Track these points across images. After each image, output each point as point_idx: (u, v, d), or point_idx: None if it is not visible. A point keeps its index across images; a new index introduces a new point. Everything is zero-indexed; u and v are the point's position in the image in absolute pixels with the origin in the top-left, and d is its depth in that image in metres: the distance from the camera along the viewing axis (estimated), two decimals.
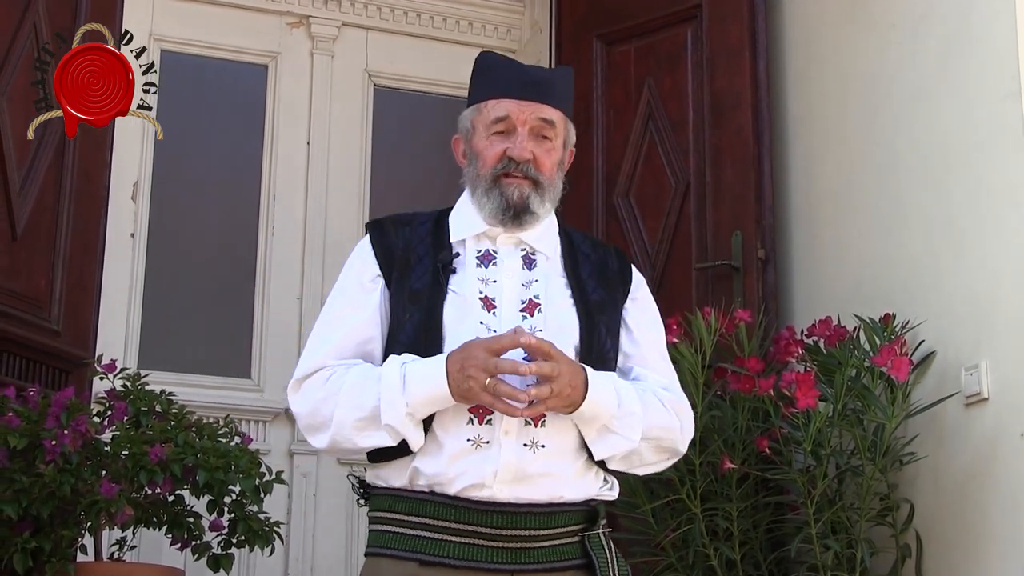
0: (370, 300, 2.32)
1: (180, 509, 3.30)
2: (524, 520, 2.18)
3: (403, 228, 2.37)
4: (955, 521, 3.19)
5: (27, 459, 3.04)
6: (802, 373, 3.23)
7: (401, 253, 2.33)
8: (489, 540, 2.17)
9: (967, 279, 3.25)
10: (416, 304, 2.26)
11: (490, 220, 2.34)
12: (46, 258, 3.67)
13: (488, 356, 2.12)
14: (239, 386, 4.48)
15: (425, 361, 2.19)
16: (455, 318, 2.24)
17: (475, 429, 2.18)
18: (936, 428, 3.26)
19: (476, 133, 2.37)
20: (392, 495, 2.23)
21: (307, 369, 2.30)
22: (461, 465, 2.17)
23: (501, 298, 2.28)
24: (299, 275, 4.61)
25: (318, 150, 4.74)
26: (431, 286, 2.27)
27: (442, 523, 2.18)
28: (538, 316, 2.27)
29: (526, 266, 2.34)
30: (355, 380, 2.22)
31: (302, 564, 4.37)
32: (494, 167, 2.33)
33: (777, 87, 4.11)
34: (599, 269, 2.40)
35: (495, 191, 2.32)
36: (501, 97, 2.35)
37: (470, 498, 2.17)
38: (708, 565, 3.33)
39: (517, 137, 2.33)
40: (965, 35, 3.35)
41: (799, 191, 4.00)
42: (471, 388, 2.12)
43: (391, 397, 2.16)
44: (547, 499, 2.20)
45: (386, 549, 2.21)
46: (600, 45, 4.46)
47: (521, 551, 2.19)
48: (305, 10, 4.83)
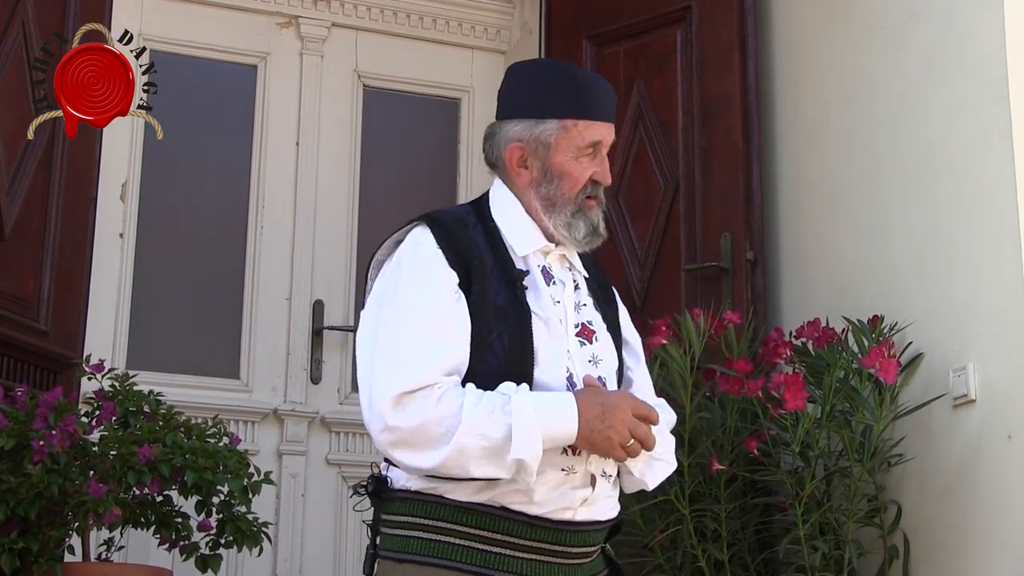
0: (462, 312, 2.18)
1: (168, 509, 3.30)
2: (589, 537, 2.23)
3: (460, 230, 2.26)
4: (942, 522, 3.19)
5: (15, 459, 3.04)
6: (790, 375, 3.23)
7: (476, 262, 2.23)
8: (558, 557, 2.20)
9: (955, 281, 3.26)
10: (503, 322, 2.19)
11: (568, 241, 2.31)
12: (34, 258, 3.66)
13: (634, 418, 2.16)
14: (228, 387, 4.47)
15: (551, 397, 2.16)
16: (546, 343, 2.21)
17: (569, 460, 2.18)
18: (924, 430, 3.27)
19: (559, 151, 2.29)
20: (453, 506, 2.16)
21: (413, 384, 2.12)
22: (553, 491, 2.17)
23: (567, 320, 2.28)
24: (288, 276, 4.60)
25: (307, 151, 4.73)
26: (512, 303, 2.22)
27: (516, 540, 2.17)
28: (596, 344, 2.30)
29: (575, 287, 2.35)
30: (480, 407, 2.11)
31: (290, 564, 4.37)
32: (581, 191, 2.30)
33: (766, 89, 4.12)
34: (602, 286, 2.42)
35: (580, 215, 2.30)
36: (593, 119, 2.31)
37: (551, 518, 2.18)
38: (696, 566, 3.34)
39: (603, 162, 2.32)
40: (953, 38, 3.36)
41: (788, 193, 4.01)
42: (609, 439, 2.14)
43: (527, 433, 2.09)
44: (605, 517, 2.26)
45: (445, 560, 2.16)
46: (590, 46, 4.47)
47: (578, 567, 2.23)
48: (295, 10, 4.82)
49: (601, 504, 2.24)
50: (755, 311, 3.81)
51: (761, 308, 3.86)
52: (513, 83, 2.38)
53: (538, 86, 2.34)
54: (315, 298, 4.60)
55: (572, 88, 2.32)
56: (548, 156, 2.29)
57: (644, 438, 2.16)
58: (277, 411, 4.48)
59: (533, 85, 2.34)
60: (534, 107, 2.31)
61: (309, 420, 4.49)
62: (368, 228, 4.73)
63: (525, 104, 2.32)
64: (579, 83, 2.34)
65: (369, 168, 4.83)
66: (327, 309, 4.59)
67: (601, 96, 2.34)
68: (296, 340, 4.55)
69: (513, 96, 2.36)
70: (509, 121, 2.33)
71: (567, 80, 2.34)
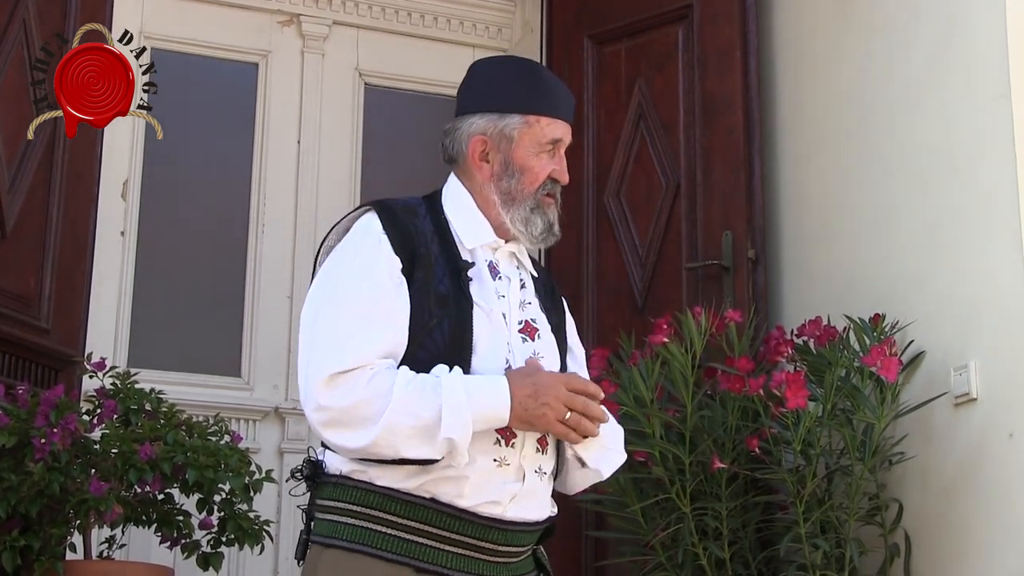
0: (402, 299, 2.20)
1: (169, 507, 3.30)
2: (519, 537, 2.24)
3: (412, 218, 2.29)
4: (943, 521, 3.20)
5: (16, 457, 3.04)
6: (792, 373, 3.24)
7: (422, 250, 2.25)
8: (486, 554, 2.20)
9: (957, 280, 3.26)
10: (443, 309, 2.21)
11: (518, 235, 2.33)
12: (36, 256, 3.66)
13: (569, 392, 2.17)
14: (229, 384, 4.47)
15: (484, 379, 2.18)
16: (486, 333, 2.23)
17: (501, 450, 2.19)
18: (925, 428, 3.27)
19: (521, 146, 2.32)
20: (383, 494, 2.17)
21: (345, 364, 2.14)
22: (482, 482, 2.17)
23: (510, 315, 2.29)
24: (289, 273, 4.60)
25: (308, 149, 4.73)
26: (455, 292, 2.23)
27: (443, 532, 2.17)
28: (538, 341, 2.31)
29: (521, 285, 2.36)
30: (411, 387, 2.13)
31: (291, 563, 4.35)
32: (541, 187, 2.33)
33: (768, 88, 4.12)
34: (547, 290, 2.43)
35: (538, 211, 2.32)
36: (555, 117, 2.34)
37: (480, 513, 2.18)
38: (697, 564, 3.34)
39: (561, 161, 2.35)
40: (954, 37, 3.36)
41: (789, 191, 4.01)
42: (545, 415, 2.15)
43: (457, 412, 2.11)
44: (537, 518, 2.26)
45: (372, 549, 2.16)
46: (591, 45, 4.46)
47: (504, 565, 2.23)
48: (296, 8, 4.82)
49: (532, 502, 2.23)
50: (756, 309, 3.81)
51: (762, 306, 3.86)
52: (476, 79, 2.40)
53: (501, 82, 2.36)
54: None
55: (535, 85, 2.35)
56: (510, 150, 2.32)
57: (584, 408, 2.16)
58: (278, 409, 4.48)
59: (497, 81, 2.37)
60: (497, 102, 2.34)
61: None
62: None
63: (488, 99, 2.35)
64: (542, 80, 2.38)
65: (370, 166, 4.83)
66: None
67: (561, 95, 2.38)
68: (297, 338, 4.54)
69: (476, 91, 2.38)
70: (471, 115, 2.35)
71: (530, 77, 2.37)
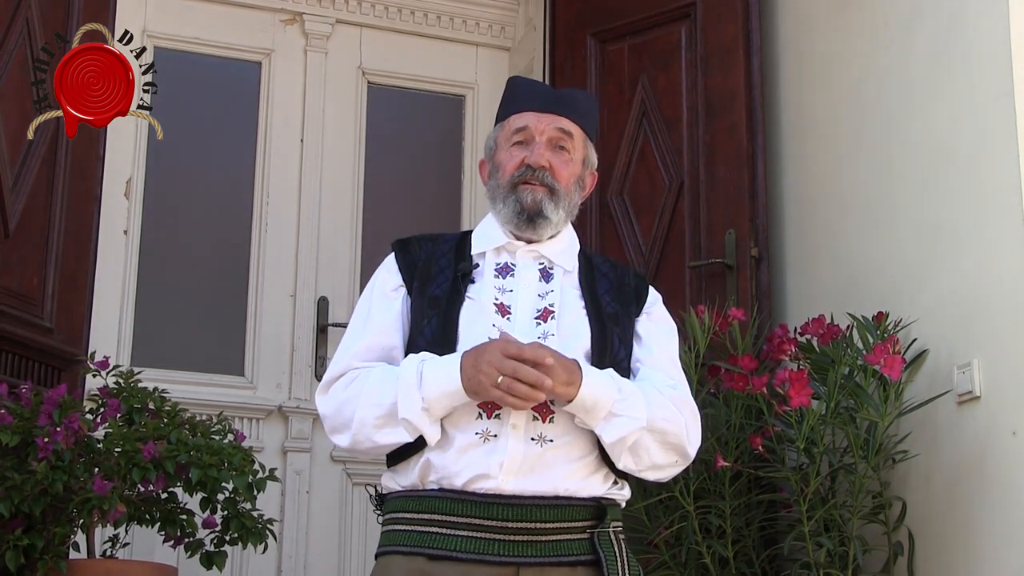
0: (392, 308, 2.39)
1: (173, 506, 3.30)
2: (529, 512, 2.22)
3: (427, 243, 2.45)
4: (947, 519, 3.19)
5: (19, 456, 3.04)
6: (795, 371, 3.23)
7: (423, 265, 2.40)
8: (496, 533, 2.21)
9: (960, 278, 3.25)
10: (434, 309, 2.33)
11: (508, 227, 2.43)
12: (39, 255, 3.66)
13: (502, 356, 2.17)
14: (232, 383, 4.47)
15: (442, 358, 2.25)
16: (469, 321, 2.31)
17: (484, 423, 2.23)
18: (928, 426, 3.27)
19: (499, 148, 2.47)
20: (404, 496, 2.29)
21: (333, 373, 2.36)
22: (468, 457, 2.22)
23: (516, 305, 2.35)
24: (292, 272, 4.61)
25: (312, 147, 4.73)
26: (450, 293, 2.35)
27: (450, 518, 2.22)
28: (551, 322, 2.34)
29: (543, 278, 2.41)
30: (376, 380, 2.29)
31: (295, 562, 4.37)
32: (512, 175, 2.41)
33: (771, 86, 4.11)
34: (616, 286, 2.47)
35: (511, 197, 2.41)
36: (522, 111, 2.45)
37: (476, 491, 2.21)
38: (701, 563, 3.34)
39: (535, 146, 2.42)
40: (957, 34, 3.35)
41: (792, 190, 4.01)
42: (481, 383, 2.18)
43: (408, 392, 2.22)
44: (551, 492, 2.23)
45: (397, 547, 2.26)
46: (594, 43, 4.46)
47: (527, 544, 2.21)
48: (299, 7, 4.82)
49: (535, 474, 2.22)
50: (760, 308, 3.81)
51: (766, 305, 3.86)
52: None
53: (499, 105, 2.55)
54: (320, 295, 4.60)
55: (510, 94, 2.52)
56: (494, 157, 2.48)
57: (513, 372, 2.16)
58: (282, 408, 4.48)
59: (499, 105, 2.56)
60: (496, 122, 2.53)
61: (314, 417, 4.48)
62: (372, 225, 4.74)
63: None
64: (517, 86, 2.54)
65: (373, 165, 4.83)
66: (331, 306, 4.59)
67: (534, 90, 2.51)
68: (301, 337, 4.56)
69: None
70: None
71: (508, 90, 2.54)
